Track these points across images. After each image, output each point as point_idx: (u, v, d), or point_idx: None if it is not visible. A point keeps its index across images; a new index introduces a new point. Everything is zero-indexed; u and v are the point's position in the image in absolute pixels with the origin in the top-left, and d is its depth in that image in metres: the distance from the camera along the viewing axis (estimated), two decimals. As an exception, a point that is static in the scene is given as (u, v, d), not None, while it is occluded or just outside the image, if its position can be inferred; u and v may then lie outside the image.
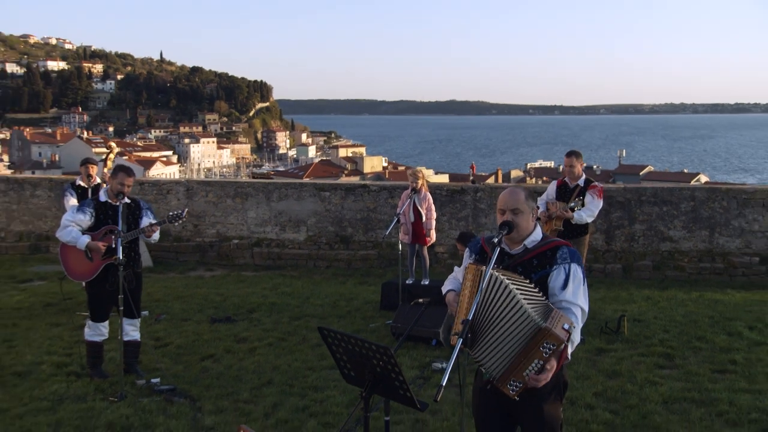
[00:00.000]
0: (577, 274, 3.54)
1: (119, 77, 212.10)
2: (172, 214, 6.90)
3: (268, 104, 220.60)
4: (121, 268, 6.47)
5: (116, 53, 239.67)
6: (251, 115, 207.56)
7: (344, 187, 14.05)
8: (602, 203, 8.32)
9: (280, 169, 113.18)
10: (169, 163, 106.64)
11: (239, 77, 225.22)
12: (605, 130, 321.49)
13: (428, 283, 9.51)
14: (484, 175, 73.22)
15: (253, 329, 8.56)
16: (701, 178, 78.67)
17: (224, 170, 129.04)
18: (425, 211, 9.42)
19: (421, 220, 9.45)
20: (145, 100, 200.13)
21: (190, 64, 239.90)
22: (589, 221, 8.24)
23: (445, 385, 3.08)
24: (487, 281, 3.31)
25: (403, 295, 9.10)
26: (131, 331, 6.86)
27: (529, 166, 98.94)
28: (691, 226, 12.30)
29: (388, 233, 9.15)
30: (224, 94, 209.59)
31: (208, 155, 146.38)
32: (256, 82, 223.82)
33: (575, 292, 3.52)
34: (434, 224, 9.60)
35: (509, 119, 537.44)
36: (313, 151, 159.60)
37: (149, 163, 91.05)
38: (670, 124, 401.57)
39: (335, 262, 13.18)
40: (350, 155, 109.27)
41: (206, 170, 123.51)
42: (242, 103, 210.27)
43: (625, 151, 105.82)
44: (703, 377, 6.64)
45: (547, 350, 3.28)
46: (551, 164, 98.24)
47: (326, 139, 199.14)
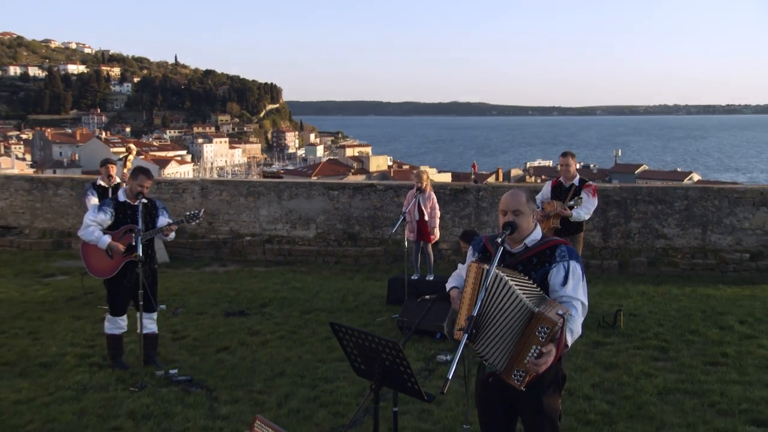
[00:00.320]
0: (576, 270, 3.56)
1: (136, 80, 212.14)
2: (189, 213, 6.94)
3: (278, 106, 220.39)
4: (140, 265, 6.54)
5: (133, 57, 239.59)
6: (262, 116, 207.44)
7: (352, 186, 14.06)
8: (597, 201, 8.38)
9: (289, 167, 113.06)
10: (183, 162, 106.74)
11: (250, 80, 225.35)
12: (602, 130, 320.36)
13: (433, 278, 9.54)
14: (485, 173, 73.08)
15: (265, 323, 8.57)
16: (694, 176, 78.45)
17: (236, 169, 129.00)
18: (429, 209, 9.44)
19: (425, 218, 9.48)
20: (160, 101, 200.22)
21: (203, 67, 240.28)
22: (585, 218, 8.32)
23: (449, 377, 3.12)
24: (492, 280, 3.33)
25: (408, 290, 9.10)
26: (149, 324, 6.89)
27: (528, 165, 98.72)
28: (684, 224, 12.28)
29: (394, 231, 9.17)
30: (236, 96, 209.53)
31: (220, 155, 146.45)
32: (266, 84, 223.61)
33: (575, 287, 3.54)
34: (438, 222, 9.62)
35: (509, 120, 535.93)
36: (321, 150, 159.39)
37: (164, 162, 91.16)
38: (664, 124, 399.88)
39: (343, 258, 13.19)
40: (357, 155, 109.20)
41: (219, 169, 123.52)
42: (253, 104, 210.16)
43: (620, 150, 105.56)
44: (696, 369, 6.65)
45: (542, 334, 3.30)
46: (550, 163, 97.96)
47: (334, 139, 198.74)
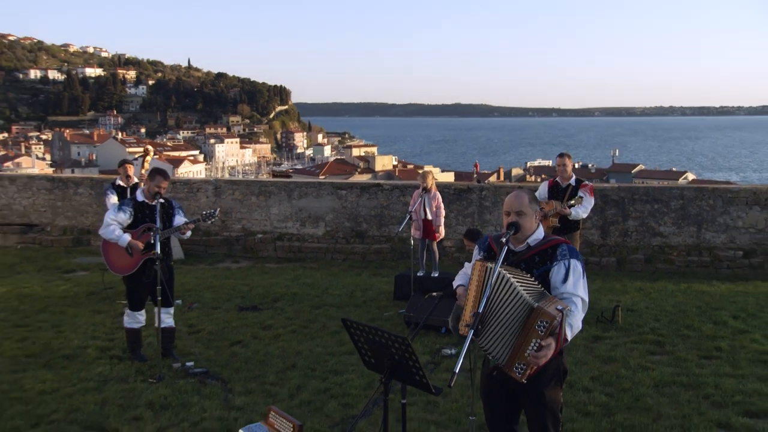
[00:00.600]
0: (576, 268, 3.58)
1: (151, 83, 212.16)
2: (205, 213, 6.97)
3: (287, 107, 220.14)
4: (157, 262, 6.58)
5: (148, 60, 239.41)
6: (271, 117, 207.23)
7: (359, 186, 14.08)
8: (593, 200, 8.39)
9: (298, 167, 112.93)
10: (196, 161, 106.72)
11: (260, 82, 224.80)
12: (600, 131, 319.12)
13: (438, 275, 9.55)
14: (487, 173, 73.01)
15: (277, 317, 8.59)
16: (688, 175, 78.18)
17: (246, 168, 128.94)
18: (434, 209, 9.46)
19: (430, 217, 9.50)
20: (174, 103, 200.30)
21: (215, 70, 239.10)
22: (584, 217, 8.35)
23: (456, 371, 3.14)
24: (496, 278, 3.36)
25: (414, 286, 9.11)
26: (167, 318, 6.90)
27: (529, 164, 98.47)
28: (680, 222, 12.27)
29: (401, 229, 9.19)
30: (247, 97, 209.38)
31: (231, 154, 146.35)
32: (276, 86, 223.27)
33: (575, 284, 3.55)
34: (443, 221, 9.64)
35: (510, 121, 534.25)
36: (328, 150, 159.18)
37: (178, 161, 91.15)
38: (659, 125, 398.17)
39: (351, 255, 13.22)
40: (363, 154, 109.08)
41: (230, 168, 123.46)
42: (263, 106, 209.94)
43: (618, 150, 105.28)
44: (691, 363, 6.65)
45: (542, 328, 3.32)
46: (549, 163, 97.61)
47: (341, 139, 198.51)
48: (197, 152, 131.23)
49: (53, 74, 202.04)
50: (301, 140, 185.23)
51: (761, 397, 5.74)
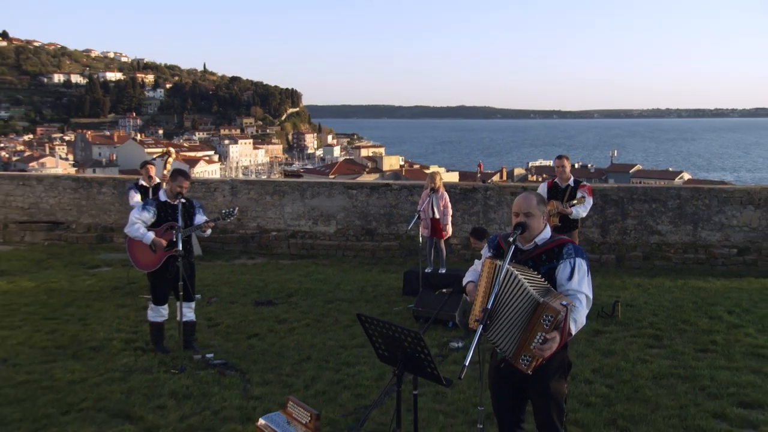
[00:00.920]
0: (581, 266, 3.60)
1: (168, 86, 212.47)
2: (225, 212, 7.04)
3: (298, 109, 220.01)
4: (180, 259, 6.65)
5: (165, 65, 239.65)
6: (283, 119, 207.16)
7: (369, 185, 14.11)
8: (592, 200, 8.41)
9: (308, 167, 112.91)
10: (211, 161, 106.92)
11: (273, 85, 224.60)
12: (599, 132, 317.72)
13: (445, 271, 9.55)
14: (490, 172, 72.85)
15: (291, 311, 8.60)
16: (684, 175, 77.87)
17: (259, 168, 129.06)
18: (442, 208, 9.48)
19: (438, 216, 9.52)
20: (190, 106, 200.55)
21: (229, 74, 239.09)
22: (583, 215, 8.37)
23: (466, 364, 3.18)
24: (504, 275, 3.40)
25: (423, 282, 9.11)
26: (188, 312, 6.95)
27: (530, 164, 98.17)
28: (677, 221, 12.26)
29: (410, 228, 9.20)
30: (259, 100, 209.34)
31: (245, 155, 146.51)
32: (287, 89, 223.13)
33: (580, 281, 3.58)
34: (450, 220, 9.66)
35: (513, 122, 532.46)
36: (337, 151, 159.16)
37: (194, 161, 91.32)
38: (656, 127, 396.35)
39: (361, 252, 13.25)
40: (371, 155, 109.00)
41: (243, 168, 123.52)
42: (275, 108, 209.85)
43: (616, 151, 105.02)
44: (687, 356, 6.66)
45: (547, 322, 3.34)
46: (550, 163, 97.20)
47: (349, 140, 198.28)
48: (212, 153, 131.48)
49: (76, 78, 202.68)
50: (311, 141, 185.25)
51: (755, 388, 5.75)
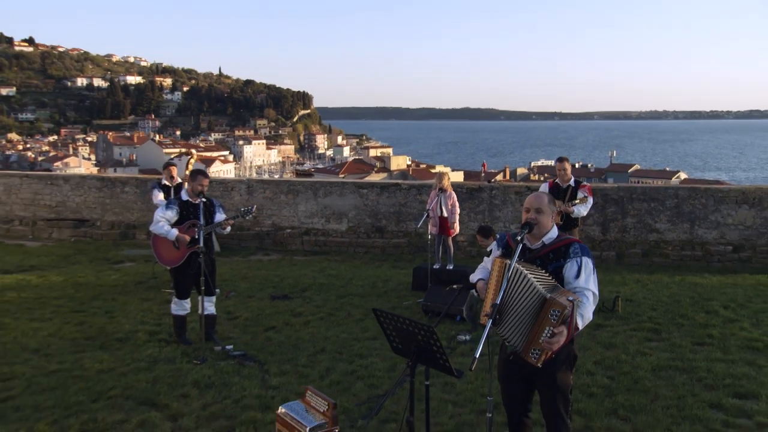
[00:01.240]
0: (588, 265, 3.62)
1: (185, 89, 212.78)
2: (244, 209, 7.09)
3: (309, 111, 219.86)
4: (201, 255, 6.71)
5: (183, 69, 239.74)
6: (295, 120, 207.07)
7: (379, 185, 14.14)
8: (592, 199, 8.43)
9: (319, 166, 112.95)
10: (226, 161, 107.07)
11: (285, 88, 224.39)
12: (598, 133, 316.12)
13: (452, 267, 9.59)
14: (494, 172, 72.79)
15: (306, 305, 8.62)
16: (681, 175, 77.51)
17: (272, 167, 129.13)
18: (450, 207, 9.52)
19: (446, 214, 9.55)
20: (206, 108, 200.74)
21: (244, 77, 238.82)
22: (584, 214, 8.41)
23: (472, 356, 3.22)
24: (512, 272, 3.43)
25: (431, 277, 9.14)
26: (209, 306, 6.99)
27: (532, 164, 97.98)
28: (674, 219, 12.25)
29: (419, 226, 9.23)
30: (272, 102, 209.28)
31: (258, 155, 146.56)
32: (299, 92, 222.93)
33: (587, 279, 3.60)
34: (458, 218, 9.69)
35: (515, 124, 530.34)
36: (347, 151, 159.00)
37: (210, 161, 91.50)
38: (654, 128, 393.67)
39: (372, 248, 13.27)
40: (379, 155, 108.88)
41: (257, 167, 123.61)
42: (287, 110, 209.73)
43: (615, 151, 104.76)
44: (685, 349, 6.67)
45: (554, 317, 3.37)
46: (551, 163, 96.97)
47: (359, 140, 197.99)
48: (227, 153, 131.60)
49: (98, 82, 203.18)
50: (322, 142, 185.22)
51: (749, 379, 5.77)
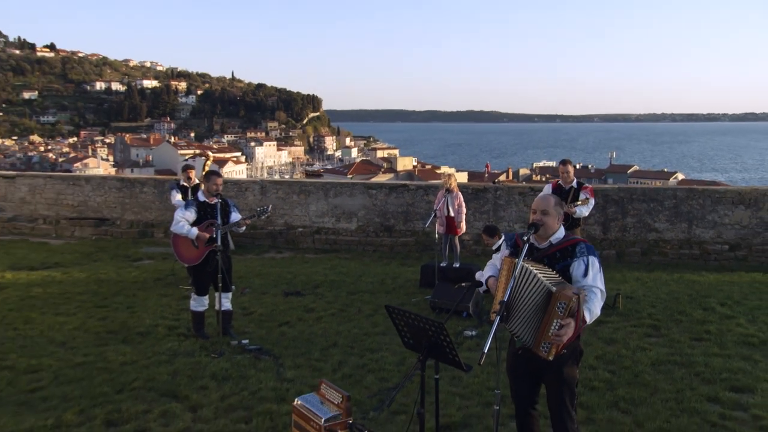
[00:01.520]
0: (594, 264, 3.65)
1: (199, 92, 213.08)
2: (260, 209, 7.12)
3: (318, 114, 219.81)
4: (218, 253, 6.77)
5: (197, 73, 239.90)
6: (305, 122, 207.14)
7: (388, 186, 14.15)
8: (594, 200, 8.44)
9: (328, 167, 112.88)
10: (238, 162, 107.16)
11: (295, 92, 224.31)
12: (599, 135, 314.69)
13: (458, 265, 9.61)
14: (497, 172, 72.66)
15: (318, 301, 8.62)
16: (678, 175, 77.21)
17: (282, 168, 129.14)
18: (456, 207, 9.55)
19: (452, 214, 9.58)
20: (219, 111, 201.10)
21: (256, 81, 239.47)
22: (586, 215, 8.42)
23: (480, 351, 3.26)
24: (518, 270, 3.47)
25: (438, 275, 9.14)
26: (226, 302, 7.01)
27: (534, 165, 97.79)
28: (673, 219, 12.23)
29: (427, 225, 9.26)
30: (283, 105, 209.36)
31: (269, 156, 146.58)
32: (309, 95, 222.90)
33: (594, 277, 3.63)
34: (464, 218, 9.71)
35: (518, 126, 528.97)
36: (355, 152, 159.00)
37: (223, 162, 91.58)
38: (652, 130, 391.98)
39: (380, 247, 13.28)
40: (386, 156, 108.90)
41: (268, 168, 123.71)
42: (297, 113, 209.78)
43: (615, 153, 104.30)
44: (683, 344, 6.68)
45: (561, 309, 3.39)
46: (553, 164, 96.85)
47: (366, 142, 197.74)
48: (239, 154, 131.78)
49: (116, 86, 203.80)
50: (330, 143, 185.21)
51: (745, 374, 5.79)
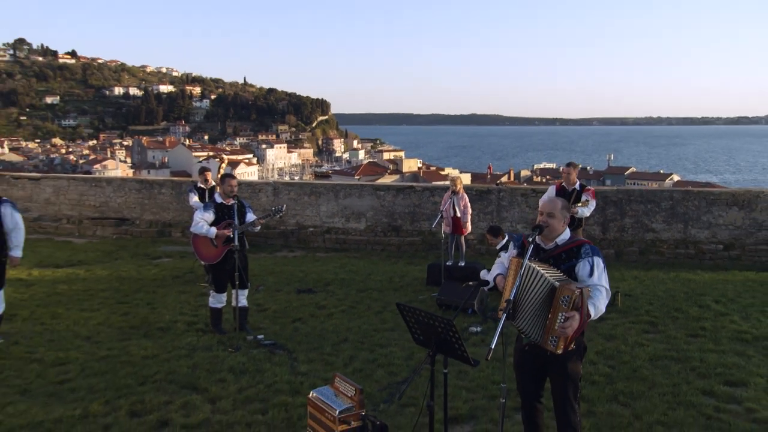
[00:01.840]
0: (599, 264, 3.68)
1: (213, 97, 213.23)
2: (274, 209, 7.16)
3: (327, 117, 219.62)
4: (236, 252, 6.83)
5: (211, 78, 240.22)
6: (314, 126, 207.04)
7: (395, 187, 14.19)
8: (595, 202, 8.46)
9: (336, 168, 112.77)
10: (250, 164, 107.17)
11: (305, 96, 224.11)
12: (597, 138, 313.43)
13: (464, 264, 9.64)
14: (499, 174, 72.47)
15: (329, 299, 8.66)
16: (674, 177, 76.88)
17: (292, 169, 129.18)
18: (462, 208, 9.58)
19: (458, 215, 9.62)
20: (232, 114, 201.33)
21: (267, 86, 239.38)
22: (587, 216, 8.44)
23: (487, 347, 3.29)
24: (524, 269, 3.51)
25: (444, 273, 9.17)
26: (242, 299, 7.06)
27: (535, 167, 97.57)
28: (669, 220, 12.22)
29: (434, 225, 9.29)
30: (293, 109, 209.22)
31: (280, 158, 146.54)
32: (318, 99, 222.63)
33: (600, 277, 3.66)
34: (470, 218, 9.74)
35: (519, 129, 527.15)
36: (362, 154, 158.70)
37: (235, 164, 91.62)
38: (649, 133, 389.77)
39: (388, 246, 13.31)
40: (392, 158, 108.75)
41: (278, 169, 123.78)
42: (307, 116, 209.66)
43: (613, 155, 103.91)
44: (680, 340, 6.70)
45: (565, 302, 3.42)
46: (553, 165, 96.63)
47: (373, 144, 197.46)
48: (251, 156, 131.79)
49: (133, 91, 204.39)
50: (339, 145, 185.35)
51: (739, 369, 5.81)
